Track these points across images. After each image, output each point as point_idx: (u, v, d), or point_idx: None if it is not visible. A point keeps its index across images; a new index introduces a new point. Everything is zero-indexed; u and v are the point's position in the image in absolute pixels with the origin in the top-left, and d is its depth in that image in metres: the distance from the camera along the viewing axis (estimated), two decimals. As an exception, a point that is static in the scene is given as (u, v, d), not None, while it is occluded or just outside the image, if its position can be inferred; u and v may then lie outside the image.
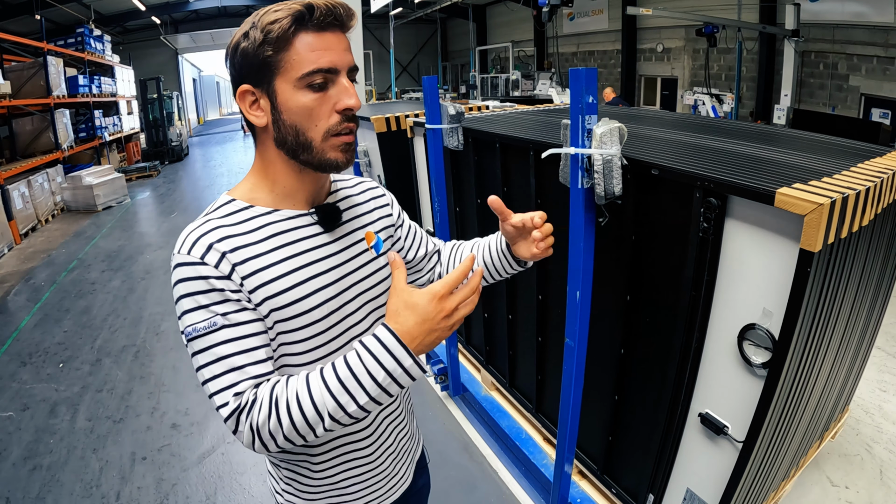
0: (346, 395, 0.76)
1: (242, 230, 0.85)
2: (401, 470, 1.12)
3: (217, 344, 0.79)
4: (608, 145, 1.32)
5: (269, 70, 0.82)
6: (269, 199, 0.90)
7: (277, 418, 0.77)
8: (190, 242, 0.81)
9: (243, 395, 0.79)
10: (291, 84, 0.82)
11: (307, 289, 0.88)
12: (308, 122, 0.84)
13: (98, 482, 2.61)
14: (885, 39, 7.19)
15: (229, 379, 0.79)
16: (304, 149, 0.85)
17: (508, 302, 2.39)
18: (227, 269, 0.80)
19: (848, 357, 1.91)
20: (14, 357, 3.96)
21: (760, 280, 1.32)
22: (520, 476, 2.41)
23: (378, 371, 0.76)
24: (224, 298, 0.80)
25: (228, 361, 0.79)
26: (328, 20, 0.82)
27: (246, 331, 0.81)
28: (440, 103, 2.27)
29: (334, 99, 0.84)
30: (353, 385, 0.76)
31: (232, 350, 0.80)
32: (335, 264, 0.93)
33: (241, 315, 0.81)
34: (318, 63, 0.81)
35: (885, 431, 2.67)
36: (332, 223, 0.94)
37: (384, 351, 0.76)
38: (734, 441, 1.47)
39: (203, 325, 0.79)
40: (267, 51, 0.81)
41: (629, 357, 1.76)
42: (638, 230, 1.60)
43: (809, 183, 1.25)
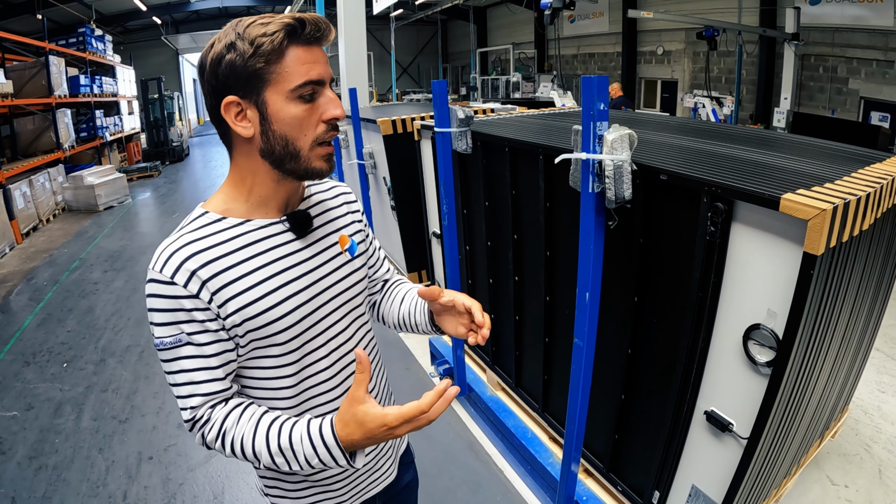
0: (281, 457, 0.86)
1: (213, 243, 0.88)
2: (385, 465, 1.15)
3: (180, 358, 0.86)
4: (619, 151, 1.35)
5: (259, 81, 0.84)
6: (243, 210, 0.92)
7: (222, 444, 0.88)
8: (162, 260, 0.85)
9: (197, 409, 0.88)
10: (283, 95, 0.84)
11: (279, 296, 0.90)
12: (297, 132, 0.86)
13: (105, 482, 2.62)
14: (884, 43, 7.24)
15: (188, 390, 0.87)
16: (292, 158, 0.88)
17: (516, 303, 2.43)
18: (196, 287, 0.84)
19: (848, 357, 1.94)
20: (17, 356, 3.97)
21: (765, 282, 1.35)
22: (525, 475, 2.44)
23: (313, 457, 0.85)
24: (190, 318, 0.85)
25: (189, 375, 0.87)
26: (315, 35, 0.85)
27: (207, 351, 0.87)
28: (449, 107, 2.30)
29: (321, 109, 0.87)
30: (289, 455, 0.85)
31: (192, 366, 0.87)
32: (308, 269, 0.95)
33: (203, 336, 0.86)
34: (309, 75, 0.84)
35: (884, 431, 2.70)
36: (303, 229, 0.96)
37: (323, 447, 0.84)
38: (739, 438, 1.50)
39: (169, 340, 0.85)
40: (258, 63, 0.82)
41: (636, 357, 1.79)
42: (646, 233, 1.64)
43: (812, 188, 1.29)
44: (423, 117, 3.49)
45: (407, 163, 3.50)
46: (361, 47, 5.93)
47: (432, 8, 15.56)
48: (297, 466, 0.85)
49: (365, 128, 4.05)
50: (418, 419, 0.81)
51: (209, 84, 0.87)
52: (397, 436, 0.81)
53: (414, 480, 1.31)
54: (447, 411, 3.00)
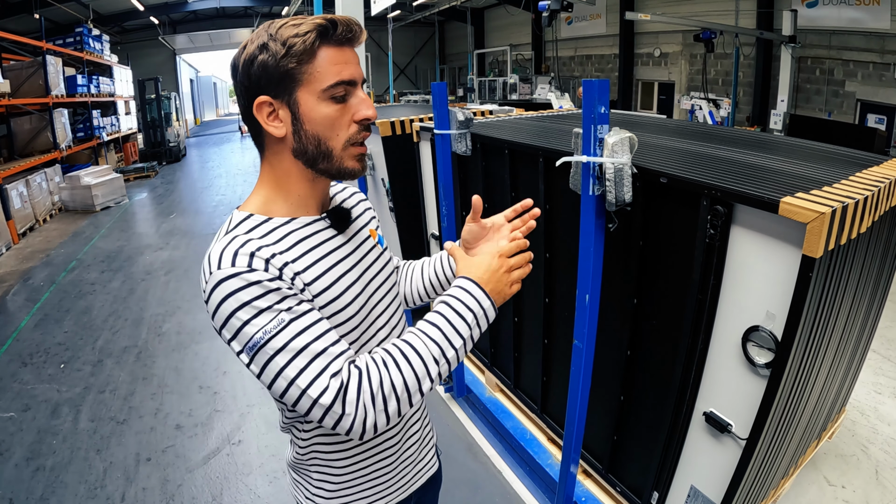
0: (445, 340, 0.84)
1: (271, 240, 0.86)
2: (426, 454, 1.17)
3: (292, 338, 0.78)
4: (619, 154, 1.36)
5: (291, 81, 0.84)
6: (285, 209, 0.92)
7: (391, 380, 0.80)
8: (229, 256, 0.80)
9: (341, 373, 0.79)
10: (315, 95, 0.85)
11: (340, 287, 0.92)
12: (330, 132, 0.87)
13: (102, 483, 2.61)
14: (881, 46, 7.29)
15: (319, 365, 0.79)
16: (325, 158, 0.89)
17: (514, 305, 2.43)
18: (276, 272, 0.81)
19: (845, 359, 1.96)
20: (14, 357, 3.96)
21: (764, 284, 1.36)
22: (524, 476, 2.45)
23: (467, 312, 0.86)
24: (283, 296, 0.80)
25: (310, 350, 0.79)
26: (348, 35, 0.86)
27: (314, 318, 0.82)
28: (449, 109, 2.30)
29: (353, 109, 0.88)
30: (449, 330, 0.84)
31: (309, 339, 0.79)
32: (355, 262, 0.98)
33: (303, 306, 0.81)
34: (341, 75, 0.85)
35: (881, 432, 2.72)
36: (344, 225, 0.99)
37: (468, 295, 0.87)
38: (738, 439, 1.51)
39: (271, 325, 0.78)
40: (290, 63, 0.83)
41: (635, 358, 1.80)
42: (645, 235, 1.65)
43: (811, 192, 1.30)
44: (421, 119, 3.49)
45: (406, 164, 3.50)
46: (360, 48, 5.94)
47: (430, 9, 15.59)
48: (459, 341, 0.85)
49: (364, 129, 4.04)
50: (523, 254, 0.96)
51: (242, 85, 0.87)
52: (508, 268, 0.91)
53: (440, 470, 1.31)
54: (446, 412, 3.01)
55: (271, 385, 0.80)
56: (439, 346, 0.83)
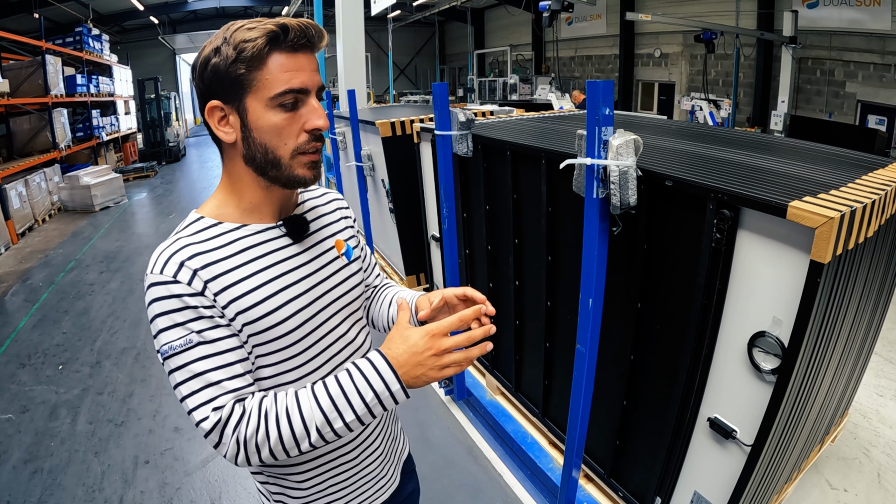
0: (335, 411, 0.80)
1: (212, 246, 0.86)
2: (388, 471, 1.13)
3: (193, 361, 0.80)
4: (624, 157, 1.34)
5: (240, 87, 0.83)
6: (237, 215, 0.91)
7: (266, 431, 0.79)
8: (162, 262, 0.82)
9: (223, 409, 0.80)
10: (263, 103, 0.83)
11: (279, 300, 0.89)
12: (277, 141, 0.84)
13: (101, 486, 2.59)
14: (881, 47, 7.28)
15: (208, 394, 0.80)
16: (273, 166, 0.86)
17: (516, 308, 2.41)
18: (200, 286, 0.81)
19: (850, 363, 1.94)
20: (13, 358, 3.94)
21: (770, 289, 1.35)
22: (525, 480, 2.43)
23: (367, 391, 0.80)
24: (198, 315, 0.81)
25: (205, 377, 0.80)
26: (301, 41, 0.83)
27: (221, 347, 0.82)
28: (450, 109, 2.29)
29: (304, 119, 0.85)
30: (341, 402, 0.80)
31: (208, 366, 0.81)
32: (306, 274, 0.94)
33: (215, 332, 0.82)
34: (290, 84, 0.82)
35: (883, 435, 2.71)
36: (299, 234, 0.95)
37: (374, 373, 0.81)
38: (742, 445, 1.49)
39: (179, 342, 0.80)
40: (240, 69, 0.81)
41: (639, 363, 1.78)
42: (650, 239, 1.63)
43: (818, 196, 1.29)
44: (422, 119, 3.47)
45: (406, 165, 3.49)
46: (360, 49, 5.91)
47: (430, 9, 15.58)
48: (351, 416, 0.80)
49: (363, 129, 4.03)
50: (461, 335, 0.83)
51: (197, 88, 0.87)
52: (440, 353, 0.81)
53: (416, 490, 1.30)
54: (446, 415, 2.99)
55: (174, 390, 0.83)
56: (325, 417, 0.80)
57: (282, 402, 0.81)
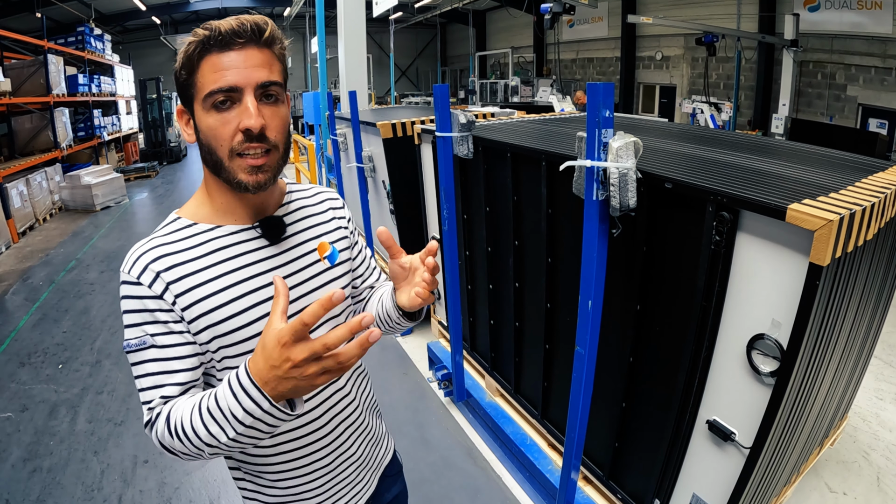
0: (216, 426, 0.76)
1: (182, 247, 0.88)
2: (366, 477, 1.12)
3: (144, 361, 0.86)
4: (624, 159, 1.35)
5: (187, 92, 0.86)
6: (212, 216, 0.92)
7: (171, 436, 0.81)
8: (131, 262, 0.85)
9: (153, 410, 0.85)
10: (200, 105, 0.85)
11: (244, 303, 0.89)
12: (215, 143, 0.85)
13: (100, 485, 2.60)
14: (882, 50, 7.29)
15: (150, 394, 0.85)
16: (218, 168, 0.87)
17: (516, 309, 2.42)
18: (160, 288, 0.85)
19: (849, 365, 1.94)
20: (13, 357, 3.95)
21: (769, 292, 1.35)
22: (524, 481, 2.43)
23: (237, 409, 0.74)
24: (153, 320, 0.85)
25: (151, 379, 0.85)
26: (228, 38, 0.82)
27: (169, 353, 0.86)
28: (451, 111, 2.29)
29: (237, 119, 0.83)
30: (220, 418, 0.76)
31: (155, 369, 0.85)
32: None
33: (166, 338, 0.85)
34: (217, 83, 0.82)
35: (882, 439, 2.71)
36: (275, 235, 0.94)
37: (240, 389, 0.73)
38: (741, 447, 1.49)
39: (135, 341, 0.85)
40: (182, 75, 0.85)
41: (638, 365, 1.78)
42: (650, 241, 1.63)
43: (818, 198, 1.29)
44: (423, 121, 3.48)
45: (406, 166, 3.49)
46: (361, 50, 5.91)
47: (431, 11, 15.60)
48: (232, 433, 0.75)
49: (364, 131, 4.04)
50: (323, 356, 0.68)
51: None
52: (297, 362, 0.68)
53: (403, 493, 1.29)
54: (445, 416, 2.99)
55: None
56: (209, 432, 0.77)
57: (183, 411, 0.81)
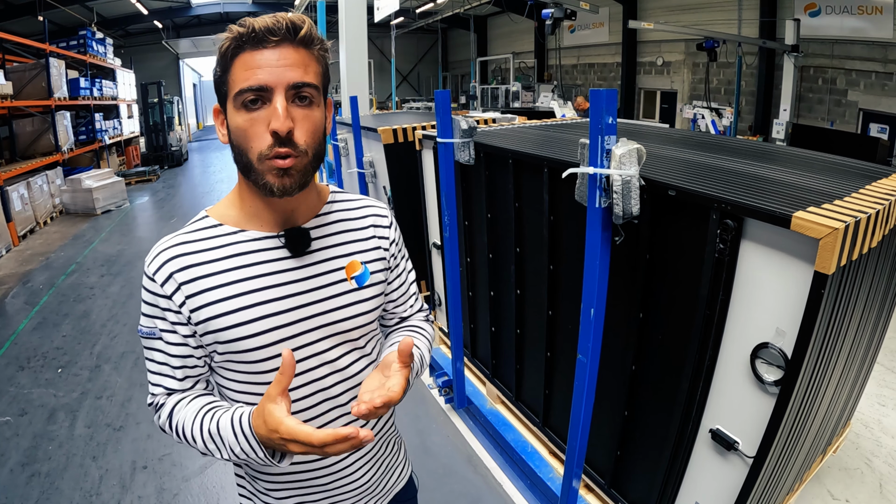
0: (212, 443, 0.86)
1: (202, 248, 0.89)
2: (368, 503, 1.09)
3: (153, 349, 0.91)
4: (627, 166, 1.34)
5: (221, 91, 0.86)
6: (238, 218, 0.91)
7: (171, 431, 0.91)
8: (152, 256, 0.89)
9: (157, 397, 0.93)
10: (232, 104, 0.83)
11: (252, 314, 0.87)
12: (245, 144, 0.83)
13: (98, 490, 2.59)
14: (883, 55, 7.29)
15: (154, 379, 0.93)
16: (248, 170, 0.84)
17: (517, 317, 2.41)
18: (171, 289, 0.87)
19: (853, 373, 1.93)
20: (12, 360, 3.94)
21: (774, 300, 1.34)
22: (524, 489, 2.42)
23: (235, 445, 0.83)
24: (162, 317, 0.89)
25: (157, 366, 0.92)
26: (261, 35, 0.79)
27: (171, 350, 0.90)
28: (452, 117, 2.28)
29: (267, 120, 0.80)
30: (217, 441, 0.85)
31: (160, 359, 0.92)
32: (297, 291, 0.90)
33: (170, 336, 0.89)
34: (247, 82, 0.80)
35: (885, 445, 2.69)
36: (298, 248, 0.91)
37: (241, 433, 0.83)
38: (744, 456, 1.48)
39: (146, 329, 0.91)
40: (218, 72, 0.85)
41: (641, 373, 1.77)
42: (653, 249, 1.62)
43: (822, 206, 1.28)
44: (424, 127, 3.48)
45: (407, 172, 3.48)
46: (363, 55, 5.92)
47: (433, 17, 15.64)
48: (227, 454, 0.85)
49: (365, 136, 4.03)
50: (310, 449, 0.75)
51: None
52: (291, 451, 0.78)
53: None
54: (445, 423, 2.98)
55: None
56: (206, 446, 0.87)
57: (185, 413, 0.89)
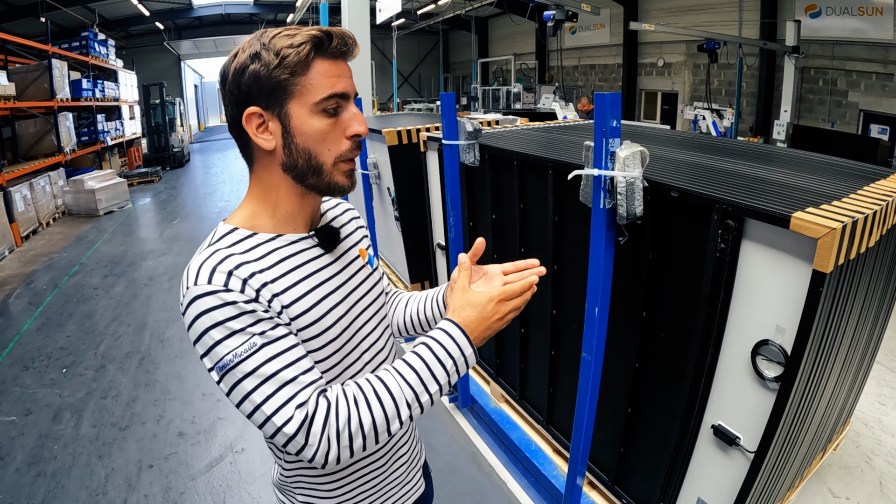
0: (421, 385, 0.83)
1: (253, 257, 0.84)
2: (414, 476, 1.14)
3: (262, 364, 0.77)
4: (631, 168, 1.37)
5: (283, 93, 0.82)
6: (271, 225, 0.90)
7: (359, 418, 0.79)
8: (206, 274, 0.78)
9: (308, 405, 0.78)
10: (307, 108, 0.83)
11: (322, 308, 0.90)
12: (321, 147, 0.85)
13: (104, 489, 2.60)
14: (883, 56, 7.31)
15: (286, 394, 0.77)
16: (315, 173, 0.86)
17: (521, 316, 2.43)
18: (253, 293, 0.79)
19: (852, 371, 1.95)
20: (16, 361, 3.95)
21: (774, 298, 1.37)
22: (528, 487, 2.43)
23: (447, 359, 0.84)
24: (258, 319, 0.79)
25: (279, 377, 0.78)
26: (342, 49, 0.84)
27: (287, 344, 0.80)
28: (457, 119, 2.31)
29: (345, 125, 0.86)
30: (426, 375, 0.83)
31: (279, 366, 0.78)
32: (341, 282, 0.95)
33: (277, 331, 0.80)
34: (334, 88, 0.83)
35: (884, 444, 2.71)
36: (332, 244, 0.96)
37: (452, 342, 0.84)
38: (746, 452, 1.51)
39: (242, 349, 0.77)
40: (283, 74, 0.81)
41: (644, 371, 1.80)
42: (656, 249, 1.65)
43: (821, 207, 1.31)
44: (428, 128, 3.50)
45: (412, 174, 3.51)
46: (365, 57, 5.97)
47: (434, 18, 15.67)
48: (435, 387, 0.83)
49: (369, 138, 4.05)
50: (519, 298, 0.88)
51: (231, 94, 0.85)
52: (503, 314, 0.86)
53: (430, 494, 1.29)
54: (450, 422, 3.00)
55: (238, 405, 0.79)
56: (414, 391, 0.82)
57: (367, 386, 0.82)
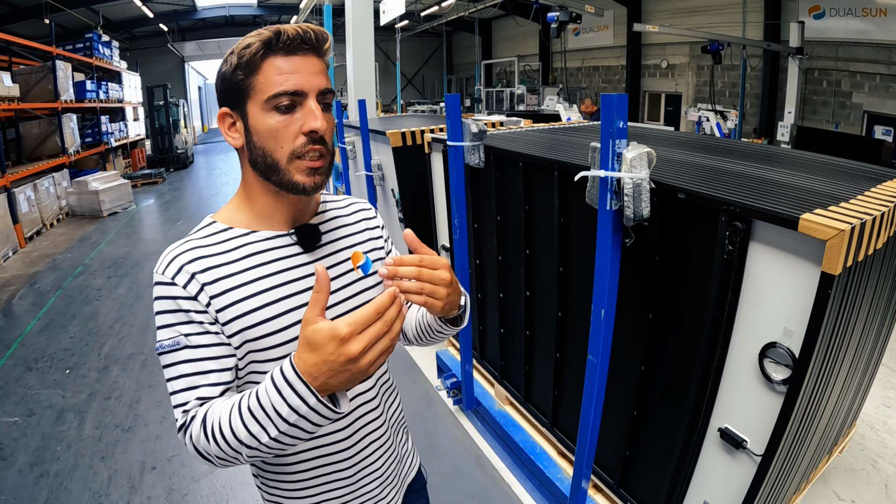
0: (257, 425, 0.74)
1: (218, 251, 0.89)
2: (388, 494, 1.10)
3: (178, 362, 0.85)
4: (638, 169, 1.36)
5: (241, 93, 0.87)
6: (249, 220, 0.93)
7: (206, 439, 0.79)
8: (165, 262, 0.86)
9: (189, 413, 0.83)
10: (260, 106, 0.86)
11: (277, 309, 0.89)
12: (274, 144, 0.86)
13: (107, 491, 2.60)
14: (888, 57, 7.30)
15: (183, 396, 0.84)
16: (273, 170, 0.88)
17: (527, 318, 2.42)
18: (195, 289, 0.85)
19: (858, 373, 1.94)
20: (20, 361, 3.96)
21: (782, 300, 1.36)
22: (533, 490, 2.43)
23: (281, 405, 0.72)
24: (188, 320, 0.85)
25: (185, 380, 0.84)
26: (295, 44, 0.85)
27: (204, 354, 0.85)
28: (462, 120, 2.31)
29: (300, 121, 0.86)
30: (261, 416, 0.74)
31: (189, 370, 0.84)
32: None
33: (201, 338, 0.85)
34: (283, 86, 0.84)
35: (890, 446, 2.70)
36: (310, 243, 0.95)
37: (286, 385, 0.72)
38: (753, 455, 1.50)
39: (168, 343, 0.85)
40: (239, 75, 0.86)
41: (650, 373, 1.79)
42: (662, 251, 1.64)
43: (829, 208, 1.30)
44: (432, 130, 3.50)
45: (416, 175, 3.50)
46: (369, 58, 5.97)
47: (438, 20, 15.69)
48: (274, 431, 0.73)
49: (373, 139, 4.06)
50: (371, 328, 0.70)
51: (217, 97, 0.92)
52: (355, 356, 0.69)
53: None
54: (454, 425, 2.99)
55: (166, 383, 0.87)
56: (249, 432, 0.75)
57: (220, 412, 0.79)
